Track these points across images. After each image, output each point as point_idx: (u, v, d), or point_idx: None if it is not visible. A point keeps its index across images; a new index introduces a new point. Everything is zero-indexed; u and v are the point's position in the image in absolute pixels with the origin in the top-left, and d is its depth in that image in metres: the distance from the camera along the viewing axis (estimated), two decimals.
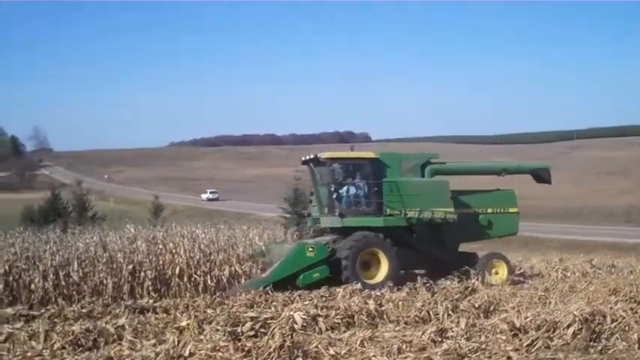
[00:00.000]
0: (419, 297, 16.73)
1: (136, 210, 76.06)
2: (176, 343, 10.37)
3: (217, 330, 12.60)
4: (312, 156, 21.00)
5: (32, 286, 18.48)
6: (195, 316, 13.60)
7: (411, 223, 20.58)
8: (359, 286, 18.22)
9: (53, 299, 18.10)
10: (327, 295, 17.40)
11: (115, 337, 12.53)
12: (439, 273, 20.41)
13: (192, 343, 10.43)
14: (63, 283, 18.82)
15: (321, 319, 13.69)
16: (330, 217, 20.89)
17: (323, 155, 20.80)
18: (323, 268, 19.41)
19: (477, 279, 19.35)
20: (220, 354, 9.87)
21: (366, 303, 15.23)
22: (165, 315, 14.92)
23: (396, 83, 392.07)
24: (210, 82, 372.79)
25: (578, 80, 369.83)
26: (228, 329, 12.67)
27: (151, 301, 16.29)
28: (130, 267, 19.55)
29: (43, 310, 15.22)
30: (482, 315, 14.60)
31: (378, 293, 17.20)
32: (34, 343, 12.05)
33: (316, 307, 14.69)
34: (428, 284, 18.56)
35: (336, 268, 19.46)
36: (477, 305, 15.17)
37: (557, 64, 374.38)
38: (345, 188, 20.58)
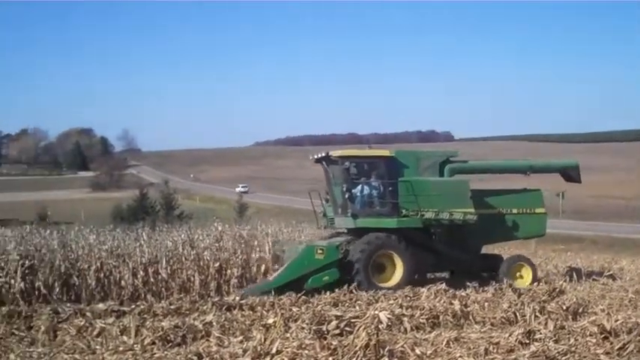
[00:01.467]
0: (505, 298, 16.44)
1: (222, 208, 77.10)
2: (263, 340, 10.41)
3: (303, 328, 12.63)
4: (323, 154, 20.41)
5: (122, 282, 18.91)
6: (281, 314, 13.67)
7: (428, 225, 19.92)
8: (443, 286, 18.02)
9: (143, 295, 18.49)
10: (411, 295, 17.25)
11: (203, 333, 12.69)
12: (461, 276, 19.90)
13: (278, 340, 10.47)
14: (152, 280, 19.22)
15: (406, 318, 13.61)
16: (343, 218, 20.22)
17: (335, 153, 20.24)
18: (333, 271, 18.89)
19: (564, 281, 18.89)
20: (306, 352, 9.87)
21: (452, 303, 15.07)
22: (251, 312, 15.07)
23: (480, 81, 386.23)
24: (295, 82, 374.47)
25: None
26: (314, 327, 12.68)
27: (237, 298, 16.42)
28: (217, 264, 19.83)
29: (133, 306, 15.49)
30: (570, 317, 14.27)
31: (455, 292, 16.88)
32: (125, 338, 12.30)
33: (401, 306, 14.63)
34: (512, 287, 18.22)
35: (350, 270, 18.94)
36: (565, 307, 14.81)
37: None
38: (358, 188, 19.90)
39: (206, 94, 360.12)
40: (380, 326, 11.57)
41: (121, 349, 10.97)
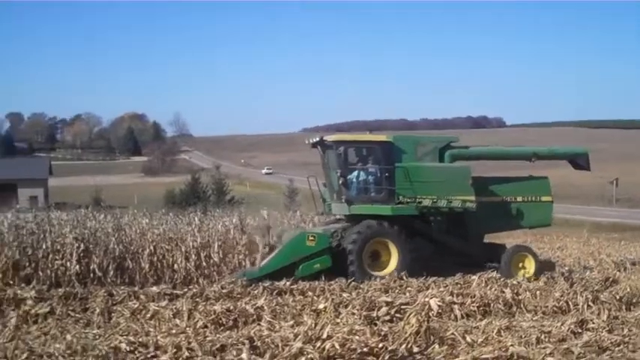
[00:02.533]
0: (557, 287, 16.30)
1: (272, 194, 77.47)
2: (313, 325, 10.47)
3: (353, 313, 12.71)
4: (318, 138, 19.93)
5: (175, 266, 19.08)
6: (332, 300, 13.74)
7: (425, 212, 19.44)
8: (494, 274, 17.86)
9: (195, 279, 18.66)
10: (461, 282, 17.21)
11: (255, 317, 12.82)
12: (461, 265, 19.36)
13: (329, 325, 10.51)
14: (204, 263, 19.36)
15: (456, 306, 13.61)
16: (339, 204, 19.80)
17: (330, 138, 19.80)
18: (324, 258, 18.28)
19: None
20: (357, 337, 9.89)
21: (503, 292, 15.02)
22: (302, 297, 15.16)
23: (533, 65, 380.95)
24: (343, 67, 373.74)
25: None
26: (364, 313, 12.76)
27: (288, 283, 16.51)
28: (267, 249, 19.95)
29: (185, 290, 15.67)
30: (624, 307, 14.11)
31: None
32: (178, 321, 12.48)
33: (451, 294, 14.61)
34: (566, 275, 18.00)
35: (344, 257, 18.48)
36: (618, 297, 14.65)
37: None
38: (354, 173, 19.46)
39: (255, 79, 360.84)
40: (430, 313, 11.57)
41: (173, 331, 11.11)
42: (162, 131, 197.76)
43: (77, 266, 18.00)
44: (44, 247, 18.26)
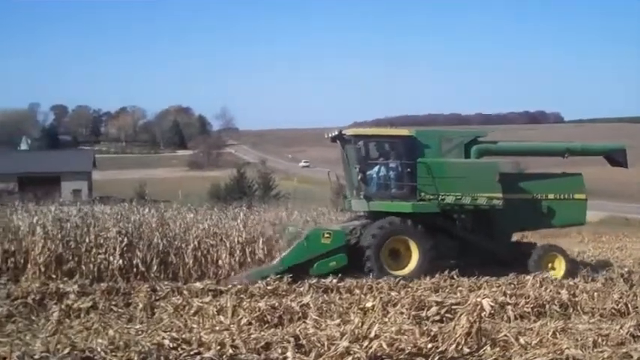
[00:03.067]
0: (615, 288, 16.08)
1: (319, 190, 77.50)
2: (361, 324, 10.46)
3: (402, 313, 12.67)
4: (336, 132, 19.86)
5: (219, 262, 19.23)
6: (380, 298, 13.72)
7: (448, 210, 19.29)
8: (549, 274, 17.65)
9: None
10: (515, 282, 17.08)
11: (300, 315, 12.87)
12: (487, 265, 19.16)
13: (377, 324, 10.49)
14: (249, 259, 19.47)
15: (509, 307, 13.50)
16: (358, 200, 19.74)
17: (349, 132, 19.77)
18: (340, 256, 18.18)
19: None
20: (405, 337, 9.87)
21: (559, 292, 14.86)
22: (349, 295, 15.19)
23: (595, 57, 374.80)
24: (395, 61, 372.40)
25: None
26: (413, 313, 12.73)
27: (334, 280, 16.54)
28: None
29: (230, 286, 15.80)
30: None
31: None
32: (222, 318, 12.57)
33: (505, 294, 14.50)
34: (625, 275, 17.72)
35: (361, 256, 18.43)
36: None
37: None
38: (374, 169, 19.40)
39: (305, 72, 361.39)
40: (482, 314, 11.47)
41: (217, 328, 11.19)
42: (207, 125, 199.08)
43: (120, 261, 18.26)
44: (87, 241, 18.56)
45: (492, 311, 12.76)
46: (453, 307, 12.84)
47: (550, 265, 19.56)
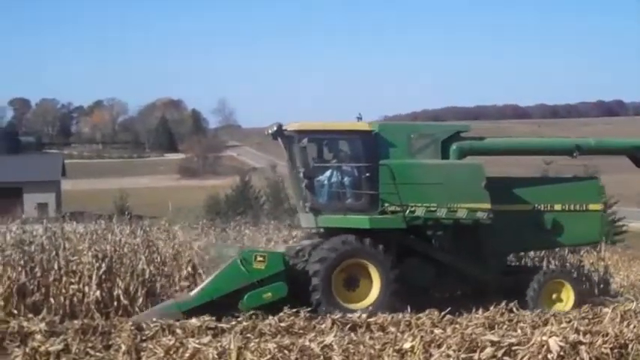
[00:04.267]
0: None
1: None
2: None
3: (448, 356, 12.63)
4: (275, 127, 19.02)
5: None
6: (421, 337, 13.68)
7: (417, 225, 18.66)
8: (633, 306, 17.50)
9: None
10: (590, 316, 17.00)
11: (322, 358, 12.86)
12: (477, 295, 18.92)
13: None
14: None
15: (583, 347, 13.38)
16: (305, 214, 19.20)
17: (290, 126, 19.01)
18: (277, 285, 17.65)
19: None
20: None
21: None
22: (381, 334, 15.13)
23: None
24: (428, 43, 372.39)
25: None
26: (462, 355, 12.68)
27: (364, 315, 16.53)
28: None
29: (233, 323, 15.82)
30: None
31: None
32: None
33: (577, 331, 14.37)
34: None
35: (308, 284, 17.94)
36: None
37: None
38: (324, 173, 18.84)
39: (319, 58, 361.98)
40: (549, 356, 11.47)
41: None
42: (203, 121, 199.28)
43: (97, 292, 18.36)
44: (56, 267, 18.67)
45: (562, 353, 12.74)
46: (513, 347, 12.79)
47: (555, 295, 19.12)
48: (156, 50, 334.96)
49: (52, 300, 18.22)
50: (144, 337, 14.66)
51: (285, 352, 12.96)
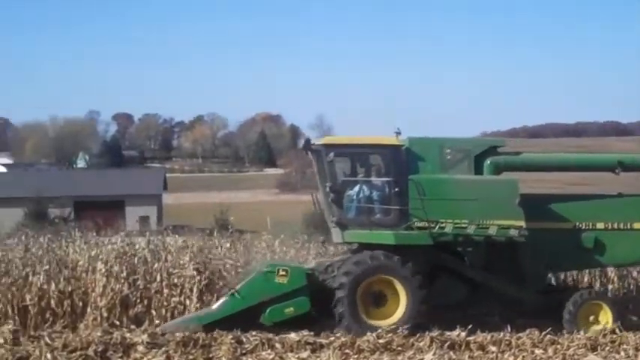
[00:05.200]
0: None
1: None
2: None
3: None
4: (304, 142, 18.94)
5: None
6: (522, 357, 13.55)
7: (445, 242, 18.14)
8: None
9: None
10: None
11: None
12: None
13: None
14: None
15: None
16: (334, 229, 18.94)
17: (319, 141, 19.09)
18: (300, 300, 17.49)
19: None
20: None
21: None
22: (481, 353, 15.02)
23: None
24: (531, 59, 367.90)
25: None
26: None
27: (462, 334, 16.39)
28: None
29: (332, 339, 15.83)
30: None
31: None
32: None
33: None
34: None
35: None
36: None
37: None
38: (351, 188, 18.57)
39: (416, 75, 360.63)
40: None
41: None
42: (301, 136, 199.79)
43: (199, 304, 18.49)
44: (158, 279, 18.89)
45: None
46: None
47: (592, 317, 18.29)
48: (254, 65, 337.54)
49: (153, 312, 18.47)
50: (243, 351, 14.78)
51: None
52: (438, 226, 17.88)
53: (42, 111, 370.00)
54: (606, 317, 18.21)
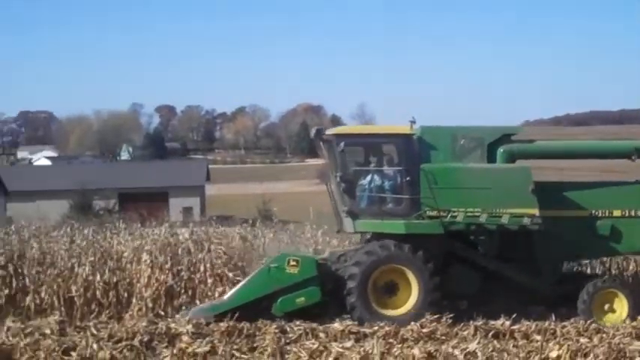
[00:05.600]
0: None
1: None
2: None
3: None
4: (314, 132, 18.75)
5: None
6: (567, 346, 13.45)
7: (457, 230, 18.00)
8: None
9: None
10: None
11: None
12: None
13: None
14: None
15: None
16: (346, 218, 18.77)
17: (330, 131, 18.93)
18: (311, 290, 17.45)
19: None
20: None
21: None
22: (525, 342, 14.94)
23: None
24: (574, 42, 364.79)
25: None
26: None
27: (507, 323, 16.32)
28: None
29: (375, 328, 15.83)
30: None
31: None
32: None
33: None
34: None
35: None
36: None
37: None
38: (362, 177, 18.45)
39: (458, 63, 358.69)
40: None
41: None
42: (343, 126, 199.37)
43: None
44: (202, 270, 18.96)
45: None
46: None
47: (607, 305, 18.04)
48: (296, 56, 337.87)
49: (198, 302, 18.55)
50: (287, 341, 14.82)
51: (429, 357, 12.92)
52: (450, 215, 17.79)
53: (86, 104, 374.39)
54: (621, 305, 18.00)
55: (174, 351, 13.93)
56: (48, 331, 15.21)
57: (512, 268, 18.46)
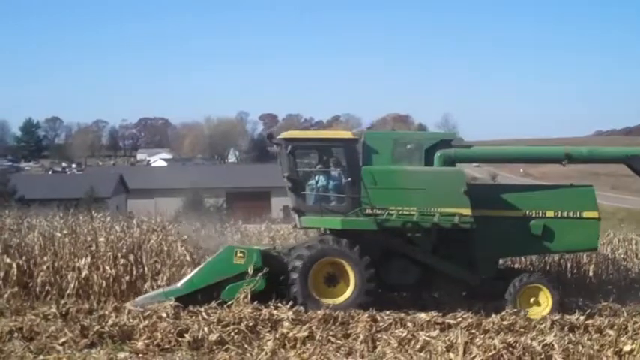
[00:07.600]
0: None
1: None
2: None
3: None
4: (265, 136, 18.61)
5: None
6: None
7: (390, 228, 17.79)
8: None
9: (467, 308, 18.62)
10: None
11: (543, 356, 12.57)
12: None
13: None
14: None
15: None
16: (295, 216, 18.87)
17: (280, 135, 19.00)
18: (255, 279, 17.43)
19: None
20: None
21: None
22: (599, 335, 14.65)
23: None
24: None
25: None
26: None
27: (581, 317, 16.10)
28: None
29: (459, 319, 15.71)
30: None
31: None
32: (452, 355, 12.53)
33: None
34: None
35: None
36: None
37: None
38: (308, 178, 18.50)
39: (537, 74, 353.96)
40: None
41: None
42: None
43: None
44: None
45: None
46: None
47: (532, 298, 17.91)
48: (387, 68, 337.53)
49: None
50: (378, 329, 14.79)
51: (509, 348, 12.74)
52: (386, 214, 17.71)
53: (198, 112, 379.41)
54: (546, 299, 17.89)
55: (277, 335, 14.03)
56: (164, 315, 15.46)
57: (447, 263, 18.41)
